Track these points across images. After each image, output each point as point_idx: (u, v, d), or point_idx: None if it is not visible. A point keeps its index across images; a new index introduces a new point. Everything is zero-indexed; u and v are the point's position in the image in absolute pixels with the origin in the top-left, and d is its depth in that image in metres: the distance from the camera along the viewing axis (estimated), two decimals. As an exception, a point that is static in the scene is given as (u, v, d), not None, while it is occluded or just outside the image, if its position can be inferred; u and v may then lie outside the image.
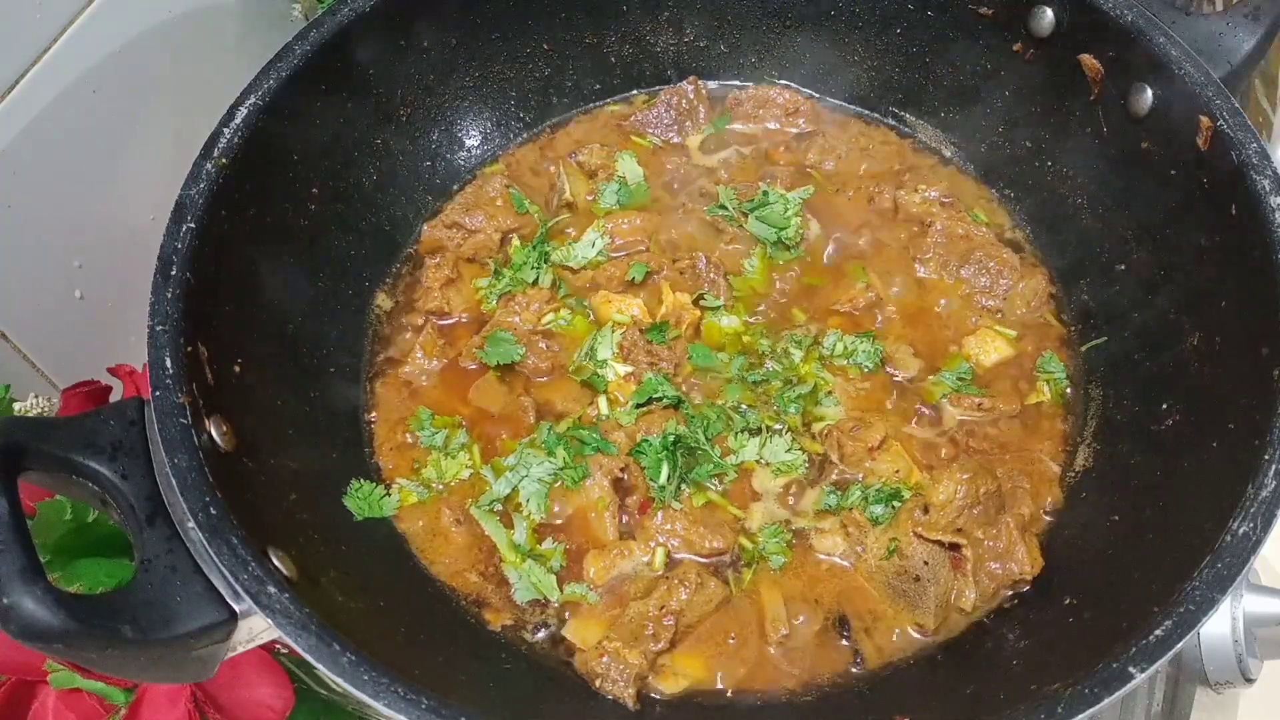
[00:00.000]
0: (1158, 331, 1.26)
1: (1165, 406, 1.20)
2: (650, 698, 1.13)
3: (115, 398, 1.23)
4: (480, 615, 1.19)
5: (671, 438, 1.24)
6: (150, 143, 1.44)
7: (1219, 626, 1.29)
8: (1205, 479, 1.08)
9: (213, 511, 0.93)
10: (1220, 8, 1.66)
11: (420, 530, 1.24)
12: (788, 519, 1.24)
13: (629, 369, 1.31)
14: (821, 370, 1.33)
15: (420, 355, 1.35)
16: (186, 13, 1.44)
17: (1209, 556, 0.95)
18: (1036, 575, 1.18)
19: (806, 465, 1.26)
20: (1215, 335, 1.17)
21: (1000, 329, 1.37)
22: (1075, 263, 1.40)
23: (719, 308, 1.38)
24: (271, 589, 0.91)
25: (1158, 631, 0.92)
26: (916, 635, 1.17)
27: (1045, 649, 1.09)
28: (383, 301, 1.41)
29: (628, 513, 1.24)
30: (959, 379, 1.32)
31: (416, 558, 1.22)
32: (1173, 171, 1.23)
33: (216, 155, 1.15)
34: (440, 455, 1.28)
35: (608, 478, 1.23)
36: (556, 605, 1.19)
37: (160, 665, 0.91)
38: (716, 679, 1.15)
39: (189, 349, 1.04)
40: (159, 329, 1.03)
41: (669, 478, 1.23)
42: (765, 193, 1.45)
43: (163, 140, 1.45)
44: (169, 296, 1.05)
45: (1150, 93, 1.24)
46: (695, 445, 1.26)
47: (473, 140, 1.54)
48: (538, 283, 1.40)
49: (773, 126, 1.57)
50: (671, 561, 1.21)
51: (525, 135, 1.57)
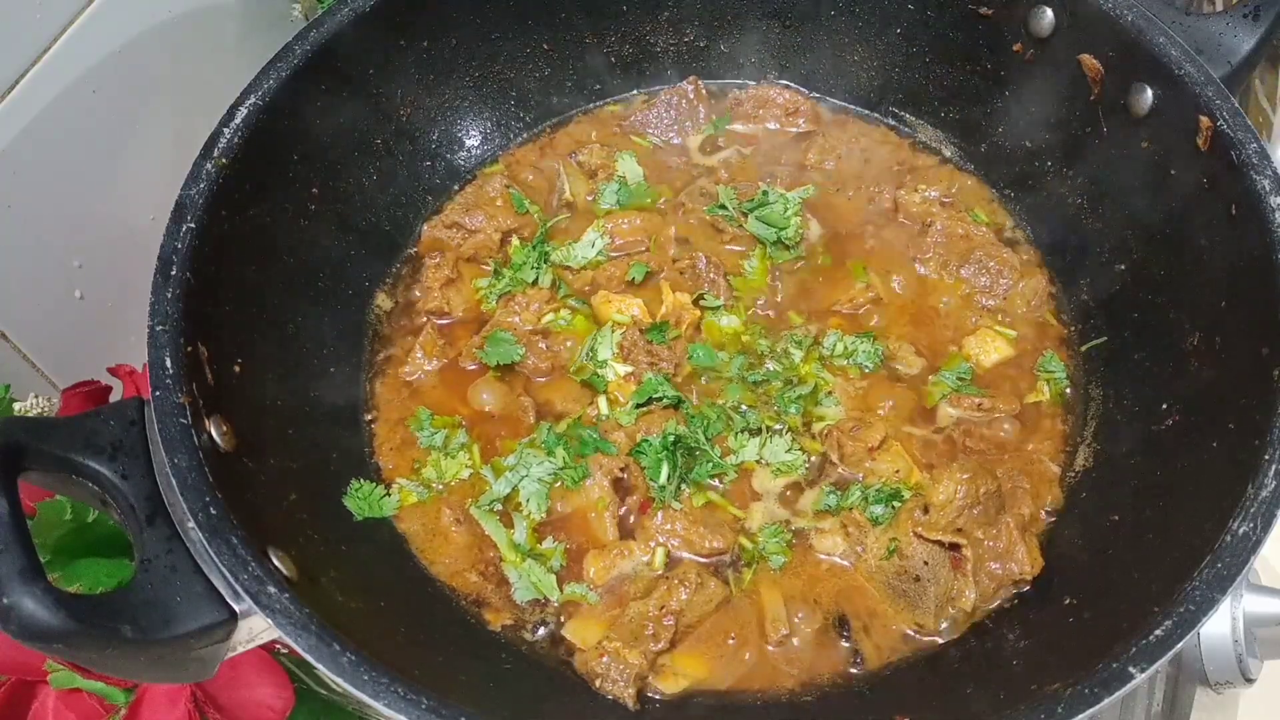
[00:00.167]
0: (1158, 331, 1.26)
1: (1165, 406, 1.20)
2: (650, 698, 1.13)
3: (115, 398, 1.23)
4: (480, 615, 1.19)
5: (671, 438, 1.24)
6: (150, 143, 1.44)
7: (1219, 626, 1.29)
8: (1205, 479, 1.08)
9: (213, 511, 0.93)
10: (1220, 8, 1.66)
11: (420, 530, 1.24)
12: (788, 519, 1.24)
13: (629, 369, 1.31)
14: (821, 370, 1.33)
15: (420, 355, 1.35)
16: (186, 13, 1.44)
17: (1209, 556, 0.95)
18: (1036, 575, 1.18)
19: (806, 465, 1.26)
20: (1215, 335, 1.16)
21: (1000, 329, 1.37)
22: (1075, 263, 1.40)
23: (719, 308, 1.38)
24: (271, 589, 0.91)
25: (1158, 631, 0.92)
26: (916, 635, 1.17)
27: (1045, 649, 1.09)
28: (383, 301, 1.41)
29: (628, 513, 1.24)
30: (959, 379, 1.32)
31: (416, 558, 1.22)
32: (1173, 172, 1.23)
33: (216, 155, 1.15)
34: (440, 455, 1.28)
35: (608, 478, 1.23)
36: (556, 605, 1.19)
37: (160, 665, 0.91)
38: (716, 679, 1.14)
39: (189, 349, 1.04)
40: (159, 329, 1.03)
41: (669, 478, 1.23)
42: (765, 193, 1.45)
43: (163, 140, 1.45)
44: (169, 296, 1.05)
45: (1150, 93, 1.24)
46: (695, 445, 1.26)
47: (473, 140, 1.54)
48: (538, 283, 1.40)
49: (773, 126, 1.57)
50: (671, 561, 1.21)
51: (525, 135, 1.57)
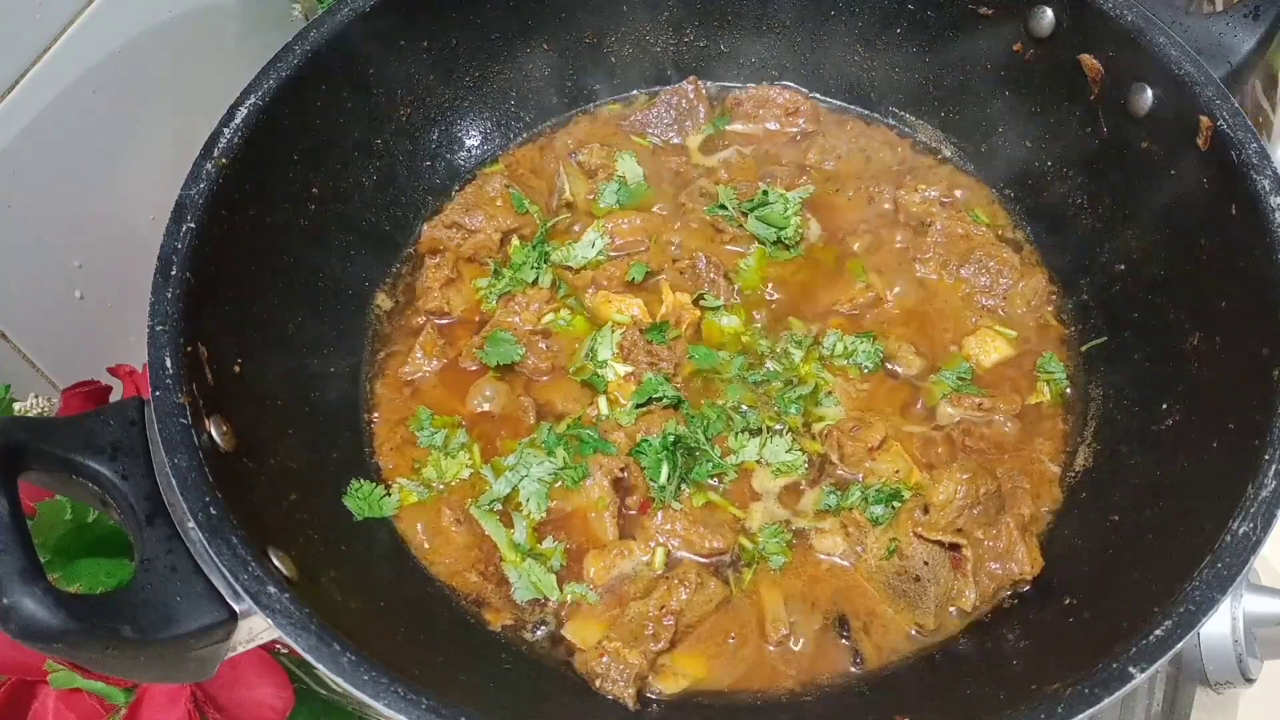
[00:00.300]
0: (1158, 331, 1.26)
1: (1165, 406, 1.20)
2: (650, 698, 1.13)
3: (115, 398, 1.23)
4: (480, 615, 1.19)
5: (671, 438, 1.24)
6: (150, 143, 1.44)
7: (1219, 626, 1.29)
8: (1205, 479, 1.08)
9: (213, 511, 0.93)
10: (1220, 8, 1.66)
11: (420, 530, 1.24)
12: (788, 519, 1.24)
13: (629, 369, 1.31)
14: (821, 370, 1.33)
15: (420, 355, 1.35)
16: (186, 13, 1.44)
17: (1209, 556, 0.95)
18: (1036, 575, 1.18)
19: (806, 465, 1.26)
20: (1215, 335, 1.16)
21: (1000, 329, 1.37)
22: (1075, 263, 1.40)
23: (719, 308, 1.38)
24: (271, 589, 0.91)
25: (1158, 631, 0.92)
26: (916, 635, 1.17)
27: (1045, 649, 1.09)
28: (383, 301, 1.41)
29: (627, 513, 1.24)
30: (959, 379, 1.32)
31: (416, 558, 1.22)
32: (1173, 172, 1.23)
33: (216, 155, 1.15)
34: (440, 455, 1.28)
35: (608, 478, 1.23)
36: (556, 605, 1.19)
37: (160, 665, 0.91)
38: (716, 679, 1.15)
39: (189, 349, 1.04)
40: (159, 329, 1.03)
41: (669, 478, 1.23)
42: (765, 193, 1.45)
43: (163, 140, 1.45)
44: (169, 296, 1.05)
45: (1150, 93, 1.24)
46: (695, 445, 1.26)
47: (473, 140, 1.54)
48: (538, 283, 1.40)
49: (773, 126, 1.57)
50: (671, 561, 1.21)
51: (525, 135, 1.57)
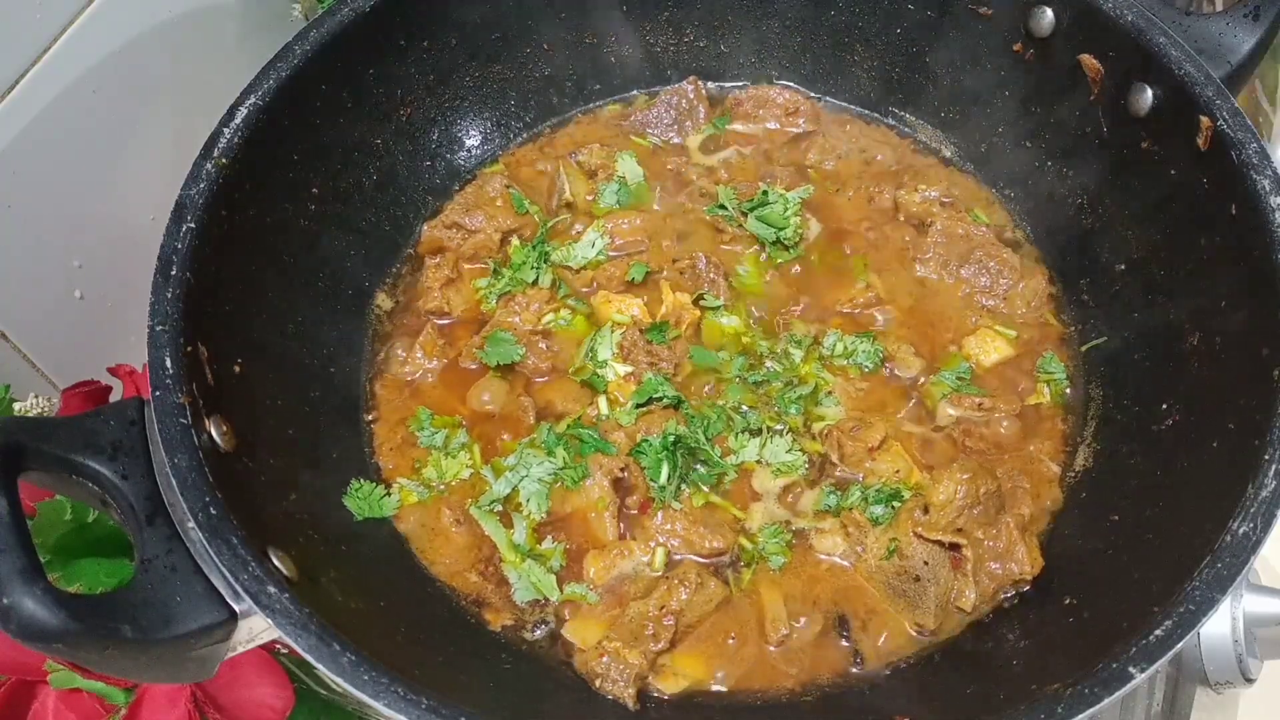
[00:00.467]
0: (1158, 331, 1.26)
1: (1165, 406, 1.20)
2: (650, 698, 1.13)
3: (115, 398, 1.23)
4: (480, 615, 1.19)
5: (671, 438, 1.24)
6: (150, 143, 1.44)
7: (1219, 626, 1.29)
8: (1205, 479, 1.08)
9: (213, 511, 0.93)
10: (1220, 8, 1.66)
11: (420, 530, 1.24)
12: (788, 519, 1.24)
13: (629, 369, 1.31)
14: (822, 370, 1.33)
15: (420, 355, 1.35)
16: (186, 13, 1.44)
17: (1209, 556, 0.95)
18: (1036, 575, 1.18)
19: (807, 465, 1.26)
20: (1215, 335, 1.16)
21: (1000, 329, 1.37)
22: (1075, 263, 1.40)
23: (719, 308, 1.38)
24: (271, 589, 0.91)
25: (1158, 631, 0.92)
26: (916, 635, 1.17)
27: (1045, 649, 1.09)
28: (383, 301, 1.41)
29: (628, 513, 1.24)
30: (959, 379, 1.32)
31: (416, 558, 1.22)
32: (1173, 171, 1.23)
33: (216, 155, 1.15)
34: (440, 455, 1.28)
35: (608, 478, 1.23)
36: (556, 605, 1.19)
37: (160, 665, 0.91)
38: (716, 679, 1.15)
39: (189, 349, 1.04)
40: (159, 329, 1.03)
41: (669, 478, 1.23)
42: (765, 192, 1.45)
43: (163, 140, 1.45)
44: (169, 296, 1.05)
45: (1150, 93, 1.24)
46: (695, 445, 1.26)
47: (473, 140, 1.54)
48: (538, 283, 1.40)
49: (773, 126, 1.57)
50: (671, 561, 1.21)
51: (525, 135, 1.57)
